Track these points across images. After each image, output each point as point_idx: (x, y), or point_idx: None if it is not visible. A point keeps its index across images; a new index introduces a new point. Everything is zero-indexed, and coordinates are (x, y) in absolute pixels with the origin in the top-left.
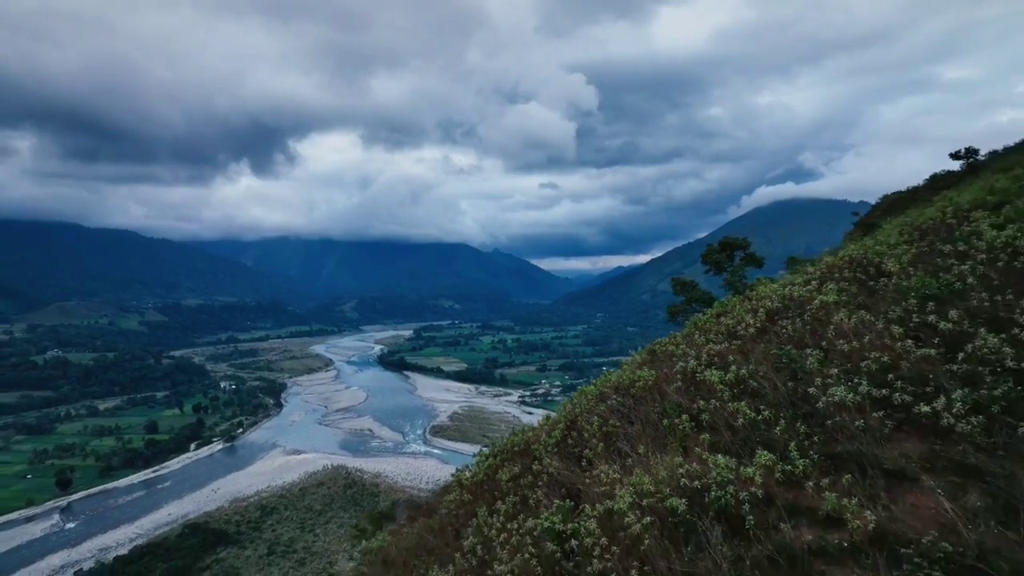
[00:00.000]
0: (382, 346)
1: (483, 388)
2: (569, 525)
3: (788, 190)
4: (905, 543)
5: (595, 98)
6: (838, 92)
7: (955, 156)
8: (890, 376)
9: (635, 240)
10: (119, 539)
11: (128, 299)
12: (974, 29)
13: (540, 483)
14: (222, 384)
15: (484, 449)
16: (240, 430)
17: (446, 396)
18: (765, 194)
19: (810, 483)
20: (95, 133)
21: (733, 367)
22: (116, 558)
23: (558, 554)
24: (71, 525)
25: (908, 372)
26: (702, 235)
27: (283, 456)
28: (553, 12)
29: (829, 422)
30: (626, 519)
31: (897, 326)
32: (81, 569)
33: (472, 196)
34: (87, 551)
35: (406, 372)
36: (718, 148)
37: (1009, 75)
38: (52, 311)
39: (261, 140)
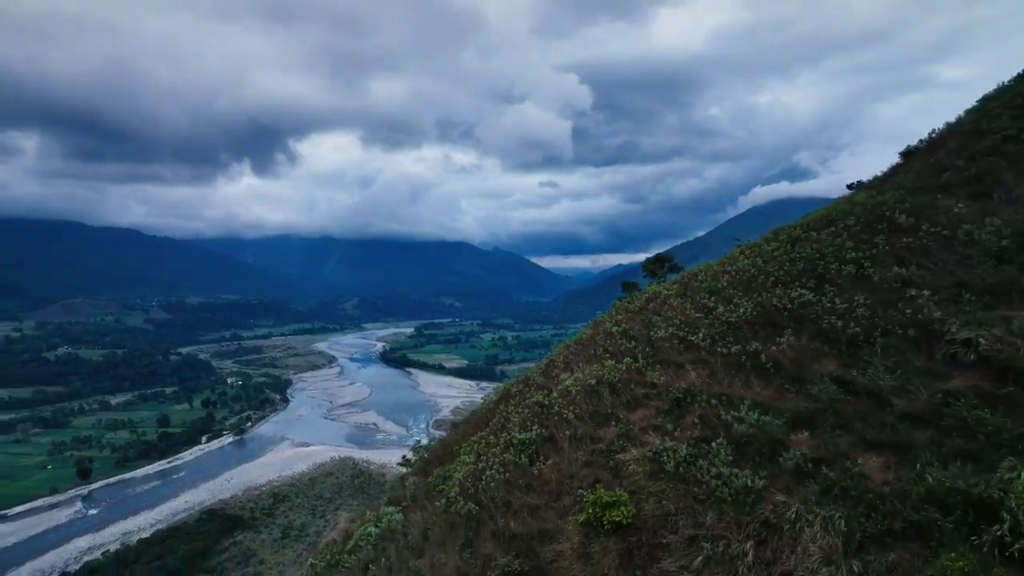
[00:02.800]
0: (384, 343)
1: (484, 384)
2: (546, 398)
3: (784, 189)
4: (676, 389)
5: (592, 98)
6: (837, 91)
7: (850, 187)
8: (683, 325)
9: (635, 239)
10: (140, 524)
11: (132, 297)
12: (971, 29)
13: (533, 388)
14: (229, 380)
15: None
16: (249, 424)
17: (448, 392)
18: (761, 193)
19: (645, 371)
20: (98, 133)
21: (624, 325)
22: (140, 541)
23: (540, 410)
24: (93, 511)
25: (690, 323)
26: (701, 233)
27: (292, 448)
28: (550, 14)
29: (657, 346)
30: (570, 390)
31: (691, 305)
32: (101, 556)
33: (472, 195)
34: (111, 535)
35: (408, 369)
36: (717, 147)
37: (1006, 74)
38: (58, 309)
39: (262, 140)
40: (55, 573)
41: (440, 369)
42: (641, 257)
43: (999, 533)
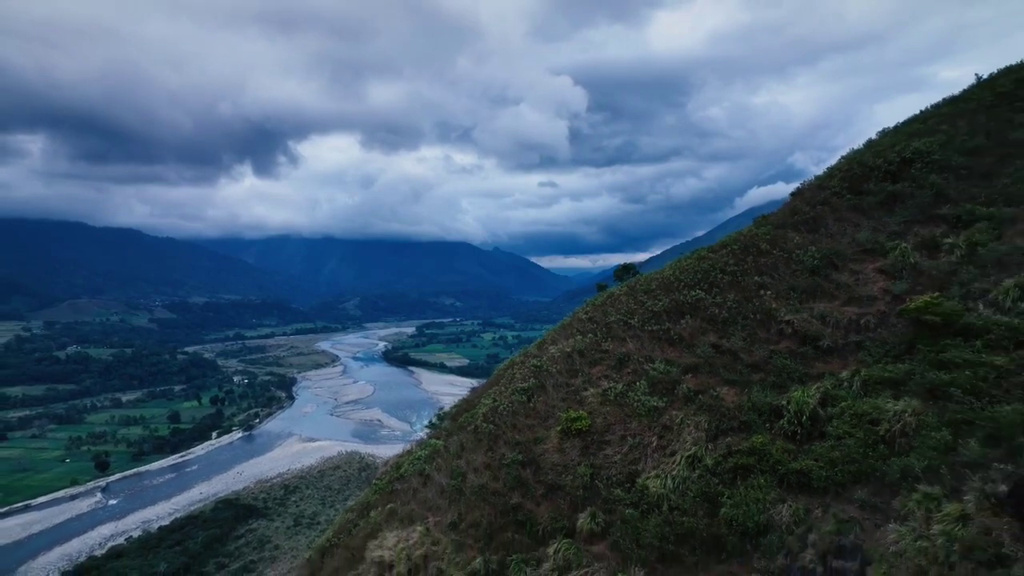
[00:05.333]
0: (386, 343)
1: (485, 382)
2: (539, 362)
3: (780, 190)
4: (619, 354)
5: (590, 100)
6: (834, 92)
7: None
8: (626, 313)
9: (634, 238)
10: (159, 513)
11: (135, 296)
12: (967, 31)
13: (530, 357)
14: (235, 378)
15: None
16: (257, 420)
17: (450, 390)
18: (758, 194)
19: (601, 343)
20: (103, 135)
21: (590, 313)
22: (160, 527)
23: (535, 369)
24: (113, 502)
25: (630, 312)
26: (700, 233)
27: (299, 443)
28: (548, 17)
29: (610, 326)
30: (555, 355)
31: (632, 300)
32: (124, 541)
33: (472, 195)
34: (132, 523)
35: (410, 367)
36: (716, 147)
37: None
38: (65, 308)
39: (263, 142)
40: (82, 557)
41: (442, 368)
42: (641, 257)
43: (781, 424)
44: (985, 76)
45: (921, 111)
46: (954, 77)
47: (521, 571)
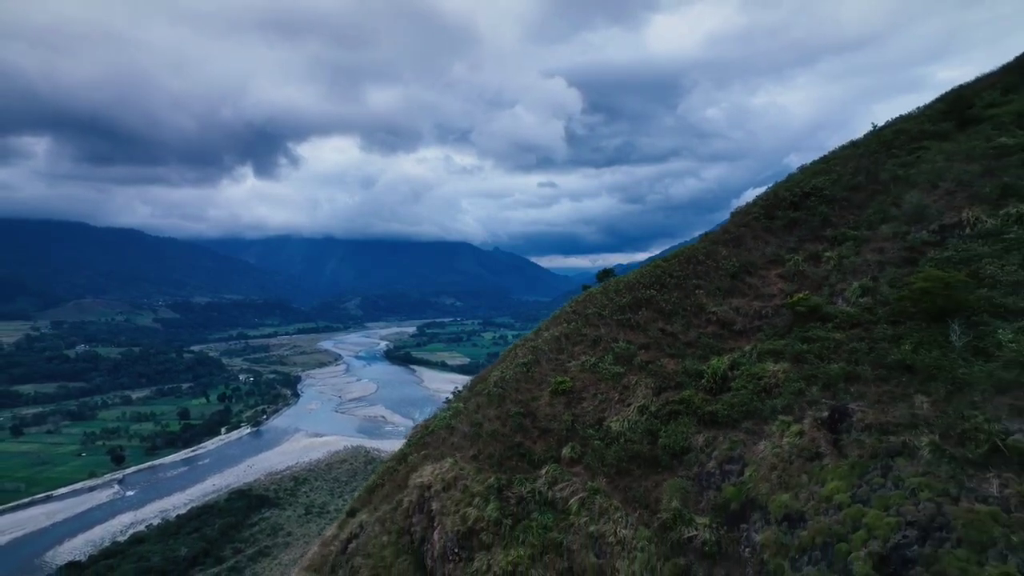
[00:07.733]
0: (387, 342)
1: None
2: (535, 343)
3: None
4: (593, 336)
5: (588, 101)
6: (832, 93)
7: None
8: (600, 306)
9: (634, 238)
10: (175, 503)
11: (138, 296)
12: (965, 32)
13: (529, 341)
14: (241, 376)
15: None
16: (264, 417)
17: (451, 388)
18: (754, 195)
19: (581, 329)
20: (106, 137)
21: (573, 307)
22: (178, 516)
23: (533, 348)
24: (131, 493)
25: (603, 305)
26: (697, 233)
27: (306, 438)
28: (547, 21)
29: (587, 316)
30: (547, 338)
31: (604, 297)
32: (145, 528)
33: (472, 195)
34: (150, 512)
35: (412, 366)
36: (715, 148)
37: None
38: (70, 308)
39: (264, 144)
40: (106, 543)
41: (443, 366)
42: (641, 257)
43: (702, 382)
44: (880, 124)
45: (830, 151)
46: (952, 77)
47: (523, 485)
